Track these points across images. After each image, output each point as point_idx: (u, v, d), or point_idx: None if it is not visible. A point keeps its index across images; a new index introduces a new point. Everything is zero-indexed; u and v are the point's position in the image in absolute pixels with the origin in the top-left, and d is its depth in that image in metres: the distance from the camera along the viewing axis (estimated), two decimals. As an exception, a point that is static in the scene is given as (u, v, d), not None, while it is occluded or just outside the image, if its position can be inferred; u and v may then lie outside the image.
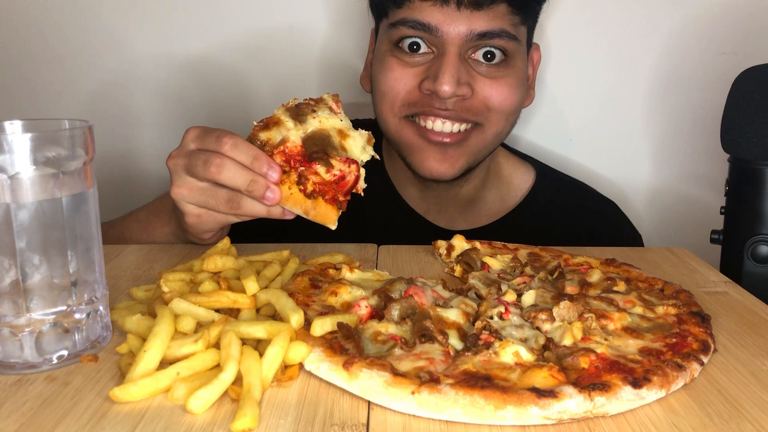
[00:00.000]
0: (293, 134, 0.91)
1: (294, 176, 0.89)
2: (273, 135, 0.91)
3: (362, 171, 0.93)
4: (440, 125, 1.19)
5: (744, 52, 1.54)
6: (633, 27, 1.57)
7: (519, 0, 1.18)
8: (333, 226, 0.91)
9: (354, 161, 0.91)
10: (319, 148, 0.91)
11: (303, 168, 0.90)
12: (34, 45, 1.62)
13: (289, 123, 0.92)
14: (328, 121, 0.93)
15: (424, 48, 1.19)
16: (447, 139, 1.20)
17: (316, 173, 0.90)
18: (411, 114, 1.22)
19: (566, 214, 1.40)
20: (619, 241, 1.33)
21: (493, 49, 1.18)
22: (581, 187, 1.48)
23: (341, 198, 0.91)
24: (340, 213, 0.91)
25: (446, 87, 1.14)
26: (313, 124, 0.92)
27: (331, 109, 0.95)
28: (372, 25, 1.32)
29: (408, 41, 1.19)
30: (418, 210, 1.38)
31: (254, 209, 0.91)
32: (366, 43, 1.38)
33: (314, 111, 0.93)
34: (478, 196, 1.40)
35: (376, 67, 1.26)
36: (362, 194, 0.93)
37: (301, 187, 0.89)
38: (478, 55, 1.19)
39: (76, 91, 1.64)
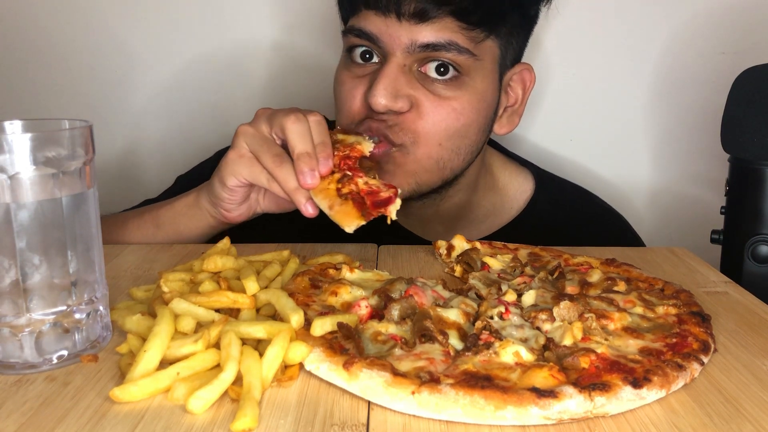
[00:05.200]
0: (366, 146, 1.00)
1: (337, 175, 0.95)
2: (349, 138, 1.01)
3: (398, 202, 0.94)
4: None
5: (744, 52, 1.54)
6: (632, 27, 1.57)
7: (468, 14, 1.06)
8: (349, 229, 0.91)
9: (395, 187, 0.95)
10: (372, 166, 1.01)
11: (350, 173, 0.95)
12: (35, 45, 1.62)
13: (369, 142, 1.02)
14: None
15: (375, 58, 1.13)
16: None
17: (356, 184, 0.94)
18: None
19: (566, 227, 1.31)
20: None
21: (446, 62, 1.08)
22: (583, 196, 1.40)
23: (369, 209, 0.93)
24: (360, 224, 0.92)
25: (379, 99, 1.05)
26: None
27: None
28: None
29: (359, 50, 1.13)
30: (408, 227, 1.30)
31: (287, 181, 0.94)
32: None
33: None
34: (468, 211, 1.31)
35: (335, 78, 1.19)
36: (389, 221, 0.94)
37: (339, 186, 0.94)
38: (430, 69, 1.09)
39: (77, 91, 1.64)
